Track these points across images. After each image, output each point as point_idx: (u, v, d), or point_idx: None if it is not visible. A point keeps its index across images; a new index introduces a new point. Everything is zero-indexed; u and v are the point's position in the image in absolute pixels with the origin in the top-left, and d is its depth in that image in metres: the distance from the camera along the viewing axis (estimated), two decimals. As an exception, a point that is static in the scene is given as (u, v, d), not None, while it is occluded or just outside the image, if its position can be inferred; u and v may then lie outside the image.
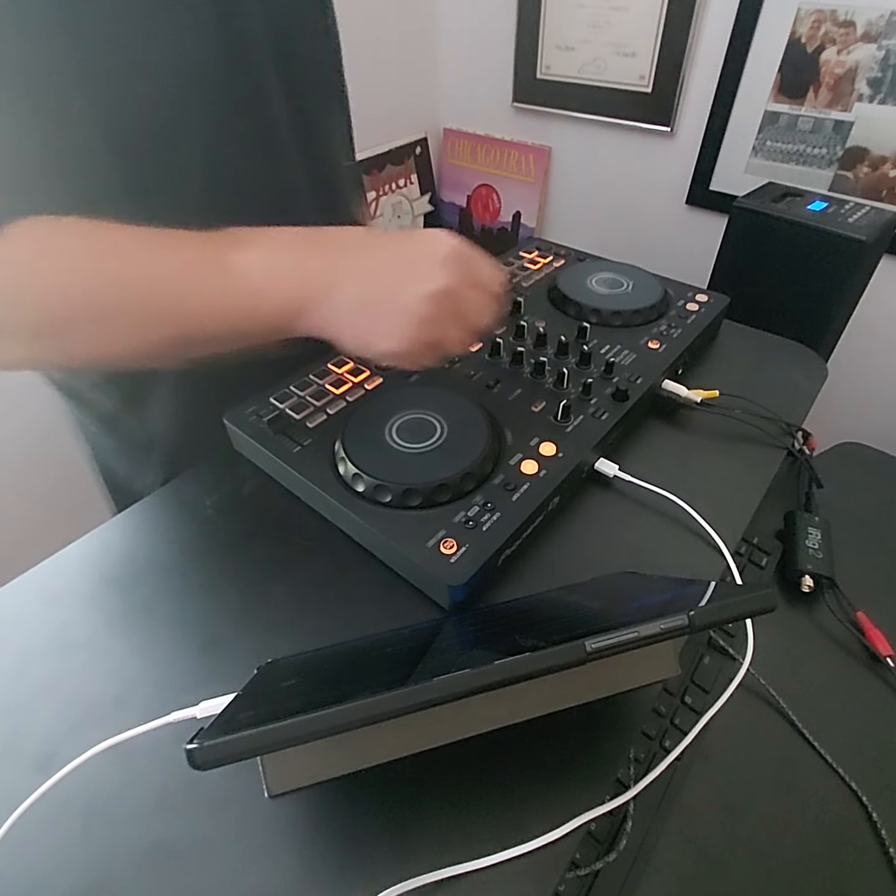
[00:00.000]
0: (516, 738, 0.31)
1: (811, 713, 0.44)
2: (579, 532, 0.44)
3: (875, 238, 0.67)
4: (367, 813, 0.30)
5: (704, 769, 0.42)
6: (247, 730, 0.22)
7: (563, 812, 0.30)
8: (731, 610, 0.25)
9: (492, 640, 0.30)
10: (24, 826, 0.29)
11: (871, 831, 0.39)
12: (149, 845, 0.29)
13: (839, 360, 0.82)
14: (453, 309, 0.37)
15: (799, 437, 0.54)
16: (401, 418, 0.45)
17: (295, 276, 0.36)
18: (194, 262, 0.36)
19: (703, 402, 0.53)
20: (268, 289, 0.36)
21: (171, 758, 0.32)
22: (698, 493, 0.45)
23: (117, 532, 0.45)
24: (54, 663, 0.37)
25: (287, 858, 0.29)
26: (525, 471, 0.42)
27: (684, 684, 0.45)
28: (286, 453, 0.44)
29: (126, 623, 0.39)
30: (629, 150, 1.23)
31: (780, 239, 0.72)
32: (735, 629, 0.49)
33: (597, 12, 1.12)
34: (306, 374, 0.51)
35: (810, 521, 0.53)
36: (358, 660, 0.32)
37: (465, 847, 0.29)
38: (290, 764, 0.27)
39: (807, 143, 1.02)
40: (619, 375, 0.51)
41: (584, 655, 0.23)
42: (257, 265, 0.36)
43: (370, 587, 0.40)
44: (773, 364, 0.61)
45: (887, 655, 0.46)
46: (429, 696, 0.22)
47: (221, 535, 0.44)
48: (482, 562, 0.36)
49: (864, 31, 0.91)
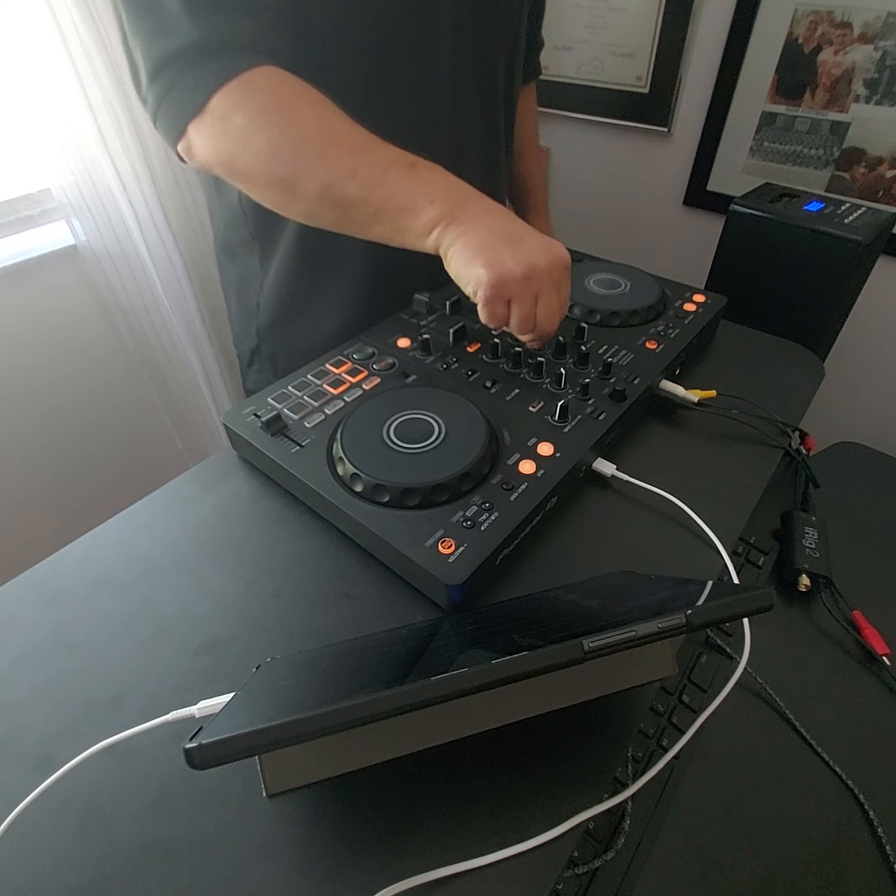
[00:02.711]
0: (514, 737, 0.31)
1: (808, 711, 0.44)
2: (577, 532, 0.44)
3: (872, 239, 0.68)
4: (365, 812, 0.30)
5: (702, 768, 0.42)
6: (245, 729, 0.22)
7: (561, 810, 0.30)
8: (729, 609, 0.25)
9: (490, 640, 0.30)
10: (23, 825, 0.29)
11: (868, 828, 0.39)
12: (146, 845, 0.29)
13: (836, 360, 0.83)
14: (537, 290, 0.44)
15: (796, 437, 0.54)
16: (399, 418, 0.45)
17: (458, 203, 0.44)
18: (394, 150, 0.45)
19: (701, 402, 0.53)
20: (435, 196, 0.44)
21: (170, 757, 0.32)
22: (696, 492, 0.45)
23: (115, 532, 0.45)
24: (52, 663, 0.37)
25: (285, 857, 0.29)
26: (523, 471, 0.42)
27: (682, 683, 0.45)
28: (284, 454, 0.44)
29: (124, 622, 0.39)
30: (626, 150, 1.23)
31: (777, 239, 0.72)
32: (732, 628, 0.49)
33: (594, 13, 1.12)
34: (304, 375, 0.51)
35: (807, 521, 0.54)
36: (356, 659, 0.32)
37: (462, 846, 0.29)
38: (288, 763, 0.27)
39: (804, 144, 1.03)
40: (617, 376, 0.51)
41: (581, 654, 0.23)
42: (435, 180, 0.45)
43: (368, 587, 0.40)
44: (770, 364, 0.61)
45: (883, 654, 0.47)
46: (427, 695, 0.22)
47: (220, 535, 0.44)
48: (480, 561, 0.36)
49: (861, 32, 0.91)
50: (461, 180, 0.46)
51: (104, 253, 1.10)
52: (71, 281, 1.12)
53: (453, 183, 0.46)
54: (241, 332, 0.73)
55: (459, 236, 0.43)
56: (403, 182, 0.44)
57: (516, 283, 0.43)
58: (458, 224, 0.44)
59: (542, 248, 0.44)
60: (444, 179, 0.46)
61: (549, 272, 0.44)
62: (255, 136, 0.43)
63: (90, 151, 0.99)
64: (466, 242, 0.43)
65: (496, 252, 0.43)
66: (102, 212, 1.05)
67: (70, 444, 1.24)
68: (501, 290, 0.43)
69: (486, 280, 0.43)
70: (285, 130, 0.43)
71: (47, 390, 1.16)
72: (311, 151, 0.43)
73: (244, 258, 0.66)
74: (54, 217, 1.09)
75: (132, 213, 1.07)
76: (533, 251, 0.44)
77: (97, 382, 1.24)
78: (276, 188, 0.45)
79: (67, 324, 1.15)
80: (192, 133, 0.45)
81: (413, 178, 0.44)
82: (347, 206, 0.45)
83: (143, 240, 1.10)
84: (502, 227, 0.44)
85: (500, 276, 0.42)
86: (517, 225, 0.46)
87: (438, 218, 0.44)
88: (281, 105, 0.43)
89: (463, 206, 0.44)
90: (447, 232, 0.44)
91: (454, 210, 0.44)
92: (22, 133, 0.97)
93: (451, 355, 0.54)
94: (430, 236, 0.44)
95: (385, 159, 0.44)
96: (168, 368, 1.29)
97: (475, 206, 0.45)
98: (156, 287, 1.17)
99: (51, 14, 0.87)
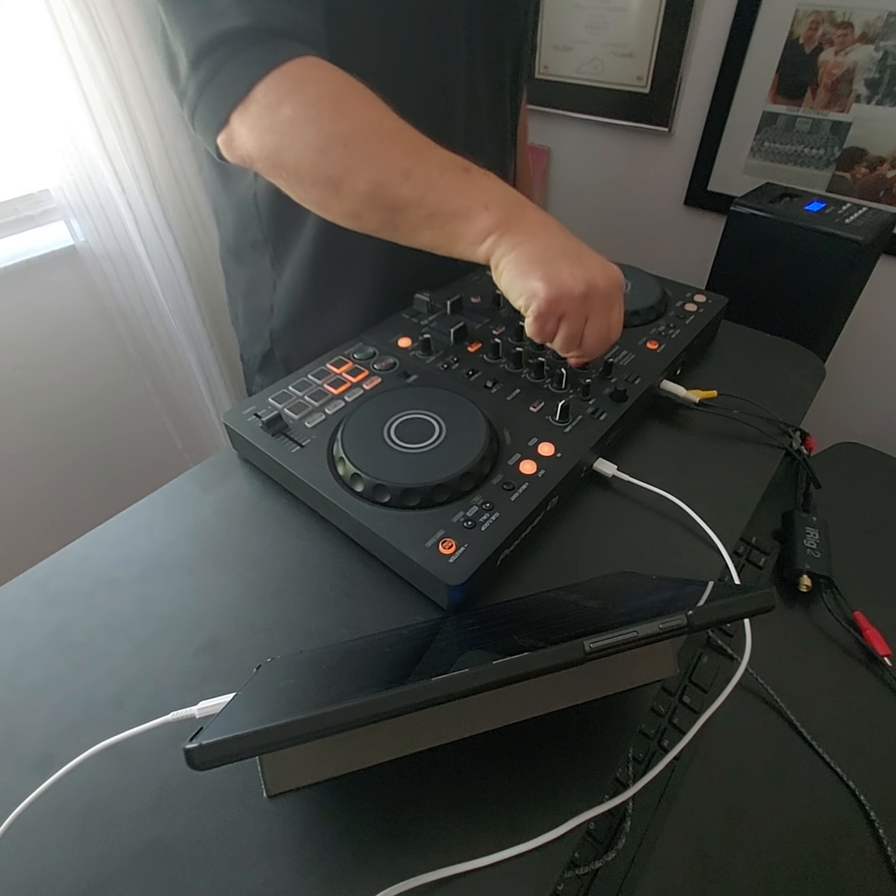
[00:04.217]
0: (515, 738, 0.31)
1: (809, 712, 0.44)
2: (578, 532, 0.44)
3: (873, 239, 0.68)
4: (366, 812, 0.30)
5: (703, 768, 0.42)
6: (245, 729, 0.22)
7: (561, 811, 0.30)
8: (730, 609, 0.25)
9: (490, 640, 0.30)
10: (23, 825, 0.29)
11: (869, 829, 0.39)
12: (147, 845, 0.29)
13: (837, 360, 0.83)
14: (590, 310, 0.43)
15: (797, 437, 0.54)
16: (400, 418, 0.45)
17: (514, 212, 0.43)
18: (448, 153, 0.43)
19: (702, 402, 0.53)
20: (489, 203, 0.42)
21: (170, 758, 0.32)
22: (697, 493, 0.45)
23: (115, 532, 0.45)
24: (53, 663, 0.37)
25: (285, 858, 0.29)
26: (524, 471, 0.42)
27: (683, 684, 0.45)
28: (285, 453, 0.44)
29: (124, 623, 0.39)
30: (627, 150, 1.23)
31: (778, 240, 0.72)
32: (733, 629, 0.49)
33: (595, 13, 1.12)
34: (305, 375, 0.51)
35: (808, 521, 0.54)
36: (357, 659, 0.32)
37: (463, 846, 0.29)
38: (289, 764, 0.27)
39: (805, 144, 1.03)
40: (618, 376, 0.51)
41: (582, 655, 0.23)
42: (491, 187, 0.43)
43: (369, 587, 0.40)
44: (771, 364, 0.61)
45: (885, 655, 0.47)
46: (427, 695, 0.22)
47: (220, 535, 0.44)
48: (481, 562, 0.36)
49: (862, 32, 0.91)
50: (517, 191, 0.44)
51: (103, 254, 1.10)
52: (70, 281, 1.12)
53: (509, 191, 0.44)
54: (250, 336, 0.72)
55: (515, 246, 0.42)
56: (459, 186, 0.42)
57: (572, 301, 0.42)
58: (515, 234, 0.42)
59: (601, 268, 0.43)
60: (501, 187, 0.44)
61: (605, 293, 0.43)
62: (304, 129, 0.41)
63: (89, 152, 0.99)
64: (522, 253, 0.42)
65: (555, 266, 0.41)
66: (101, 213, 1.05)
67: (70, 445, 1.24)
68: (557, 307, 0.42)
69: (544, 295, 0.41)
70: (337, 124, 0.41)
71: (46, 390, 1.16)
72: (363, 148, 0.41)
73: (254, 261, 0.65)
74: (54, 217, 1.09)
75: (131, 214, 1.07)
76: (592, 269, 0.42)
77: (96, 383, 1.24)
78: (323, 186, 0.43)
79: (67, 324, 1.15)
80: (235, 123, 0.42)
81: (469, 182, 0.43)
82: (397, 208, 0.42)
83: (141, 241, 1.10)
84: (561, 241, 0.43)
85: (558, 291, 0.41)
86: (575, 241, 0.44)
87: (494, 226, 0.42)
88: (333, 97, 0.42)
89: (520, 215, 0.43)
90: (502, 241, 0.42)
91: (511, 219, 0.42)
92: (21, 133, 0.97)
93: (452, 355, 0.54)
94: (484, 245, 0.42)
95: (440, 162, 0.42)
96: (167, 369, 1.29)
97: (532, 216, 0.43)
98: (155, 288, 1.17)
99: (49, 14, 0.87)
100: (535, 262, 0.41)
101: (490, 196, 0.43)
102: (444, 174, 0.42)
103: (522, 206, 0.44)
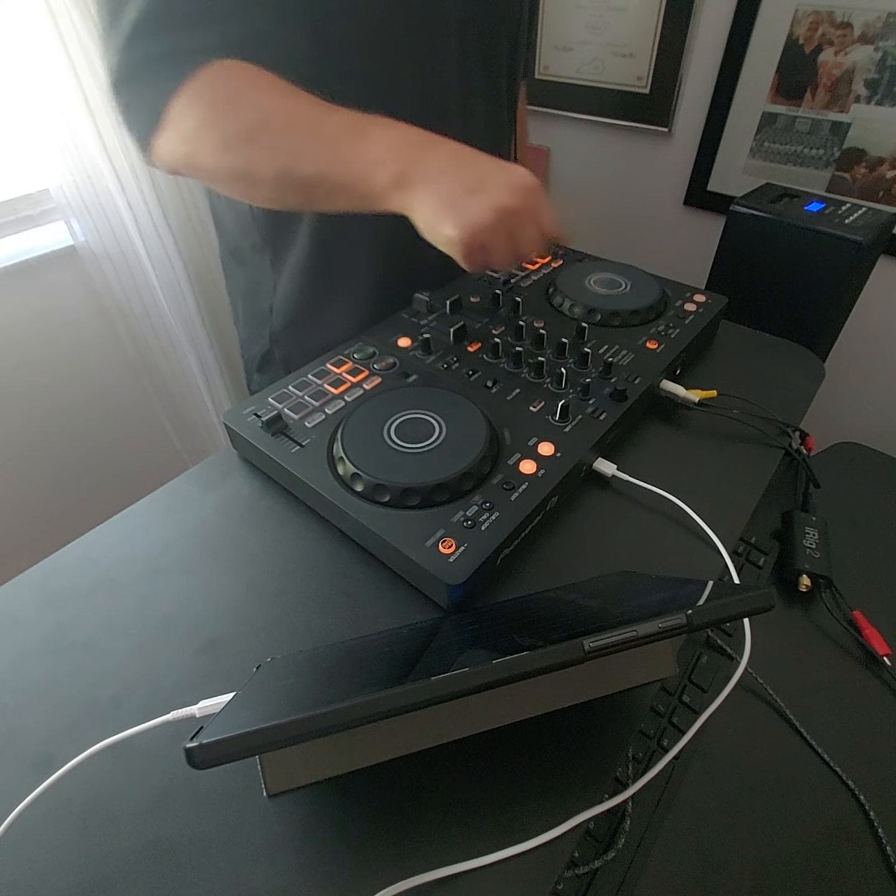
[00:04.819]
0: (515, 737, 0.31)
1: (809, 712, 0.44)
2: (578, 531, 0.44)
3: (872, 239, 0.68)
4: (366, 812, 0.30)
5: (702, 768, 0.42)
6: (245, 729, 0.22)
7: (561, 811, 0.30)
8: (729, 609, 0.25)
9: (490, 640, 0.30)
10: (23, 825, 0.29)
11: (869, 829, 0.39)
12: (147, 844, 0.29)
13: (836, 360, 0.83)
14: (510, 229, 0.43)
15: (796, 437, 0.54)
16: (399, 418, 0.45)
17: (410, 160, 0.43)
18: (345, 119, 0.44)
19: (701, 402, 0.53)
20: (385, 159, 0.42)
21: (170, 757, 0.32)
22: (696, 492, 0.45)
23: (115, 532, 0.45)
24: (52, 662, 0.37)
25: (285, 857, 0.29)
26: (523, 470, 0.42)
27: (682, 683, 0.45)
28: (285, 453, 0.44)
29: (124, 622, 0.39)
30: (627, 150, 1.23)
31: (777, 240, 0.72)
32: (733, 628, 0.49)
33: (595, 13, 1.12)
34: (305, 374, 0.51)
35: (808, 521, 0.54)
36: (356, 659, 0.32)
37: (463, 846, 0.29)
38: (289, 763, 0.27)
39: (804, 144, 1.03)
40: (618, 376, 0.51)
41: (582, 654, 0.23)
42: (385, 139, 0.43)
43: (369, 586, 0.40)
44: (770, 364, 0.61)
45: (884, 654, 0.47)
46: (427, 695, 0.22)
47: (220, 534, 0.44)
48: (480, 561, 0.36)
49: (862, 33, 0.91)
50: (419, 130, 0.44)
51: (103, 254, 1.10)
52: (70, 281, 1.12)
53: (404, 139, 0.44)
54: (250, 336, 0.72)
55: (416, 197, 0.42)
56: (353, 151, 0.43)
57: (487, 232, 0.42)
58: (413, 184, 0.42)
59: (506, 185, 0.42)
60: (396, 136, 0.44)
61: (519, 208, 0.42)
62: (207, 134, 0.44)
63: (89, 152, 0.99)
64: (426, 202, 0.42)
65: (459, 206, 0.41)
66: (101, 213, 1.05)
67: (69, 445, 1.24)
68: (474, 243, 0.42)
69: (458, 238, 0.42)
70: (233, 123, 0.44)
71: (46, 390, 1.16)
72: (261, 139, 0.44)
73: (254, 262, 0.66)
74: (53, 217, 1.09)
75: (130, 214, 1.07)
76: (497, 193, 0.42)
77: (96, 383, 1.24)
78: (236, 180, 0.46)
79: (67, 324, 1.15)
80: (154, 144, 0.46)
81: (362, 143, 0.43)
82: (307, 186, 0.44)
83: (141, 241, 1.10)
84: (460, 176, 0.43)
85: (470, 231, 0.41)
86: (475, 167, 0.43)
87: (392, 179, 0.42)
88: (228, 98, 0.44)
89: (416, 160, 0.42)
90: (404, 194, 0.42)
91: (405, 167, 0.42)
92: (20, 133, 0.97)
93: (452, 355, 0.54)
94: (392, 201, 0.43)
95: (334, 131, 0.43)
96: (167, 369, 1.29)
97: (427, 156, 0.43)
98: (155, 288, 1.17)
99: (49, 14, 0.87)
100: (439, 208, 0.42)
101: (382, 151, 0.43)
102: (338, 143, 0.43)
103: (420, 151, 0.43)
